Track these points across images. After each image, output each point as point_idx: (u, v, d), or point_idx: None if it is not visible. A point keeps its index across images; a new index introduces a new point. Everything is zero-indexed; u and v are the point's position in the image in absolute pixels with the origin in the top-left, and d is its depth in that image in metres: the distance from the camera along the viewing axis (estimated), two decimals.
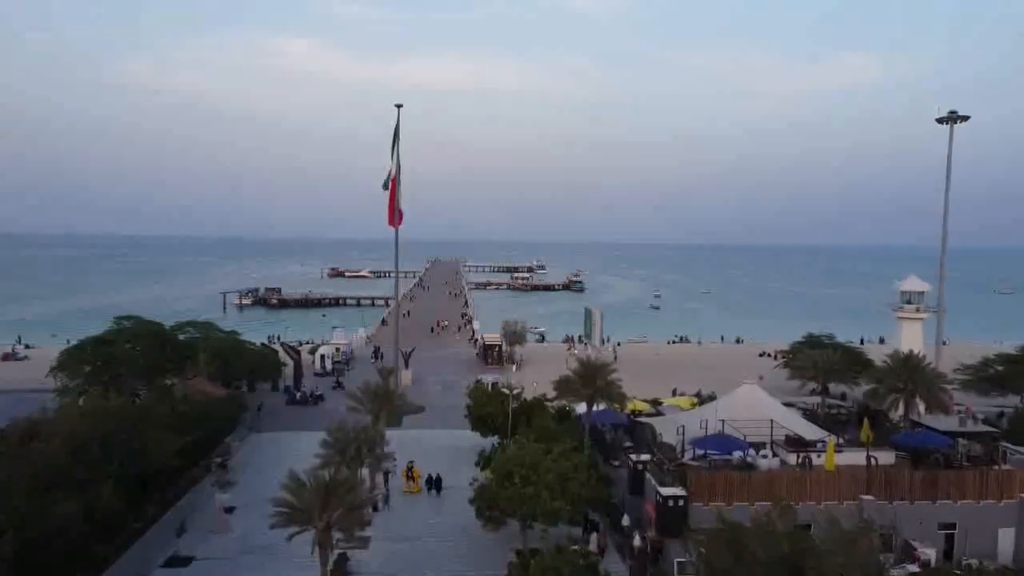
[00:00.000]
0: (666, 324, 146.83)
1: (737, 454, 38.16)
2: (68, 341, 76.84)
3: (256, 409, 59.45)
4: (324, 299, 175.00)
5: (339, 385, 70.54)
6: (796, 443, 40.74)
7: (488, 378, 68.14)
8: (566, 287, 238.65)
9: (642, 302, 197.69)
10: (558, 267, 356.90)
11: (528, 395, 57.89)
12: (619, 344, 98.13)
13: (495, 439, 50.86)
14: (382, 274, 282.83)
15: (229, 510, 39.05)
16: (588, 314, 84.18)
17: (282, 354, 74.82)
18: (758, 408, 45.37)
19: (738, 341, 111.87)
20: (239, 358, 58.20)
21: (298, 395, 66.39)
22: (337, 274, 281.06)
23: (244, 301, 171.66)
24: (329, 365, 79.58)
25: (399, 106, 63.95)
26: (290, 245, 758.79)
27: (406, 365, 74.44)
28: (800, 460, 37.34)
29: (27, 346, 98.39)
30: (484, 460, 43.06)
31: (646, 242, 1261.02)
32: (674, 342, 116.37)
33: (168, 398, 38.96)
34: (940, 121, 60.16)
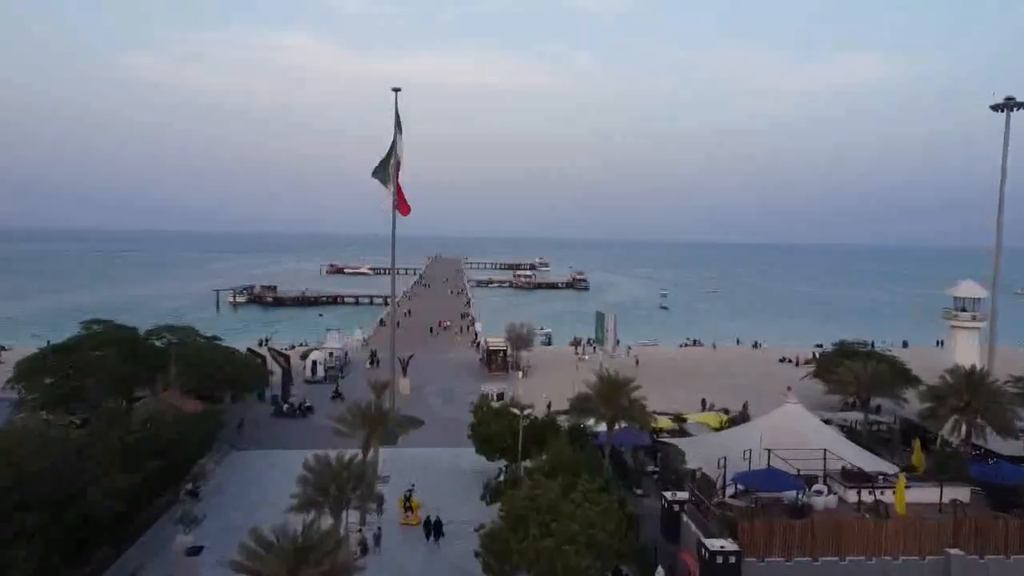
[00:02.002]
0: (676, 325, 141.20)
1: (788, 493, 32.51)
2: (48, 342, 71.49)
3: (237, 425, 53.82)
4: (321, 297, 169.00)
5: (338, 395, 64.69)
6: (855, 477, 35.05)
7: (493, 389, 62.61)
8: (570, 285, 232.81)
9: (648, 301, 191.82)
10: (560, 265, 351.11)
11: (538, 409, 52.38)
12: (629, 348, 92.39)
13: (502, 463, 45.29)
14: (382, 271, 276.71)
15: (195, 551, 33.45)
16: (600, 318, 78.24)
17: (270, 360, 69.24)
18: (804, 433, 39.67)
19: (756, 345, 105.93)
20: (218, 368, 52.31)
21: (285, 406, 60.62)
22: (336, 271, 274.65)
23: (238, 299, 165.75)
24: (321, 372, 73.79)
25: (396, 90, 58.18)
26: (288, 241, 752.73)
27: (404, 373, 68.74)
28: (870, 502, 31.60)
29: (2, 347, 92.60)
30: (491, 492, 37.43)
31: (645, 240, 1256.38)
32: (686, 345, 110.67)
33: (122, 421, 33.23)
34: (996, 108, 54.40)
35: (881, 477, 35.64)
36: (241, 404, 59.94)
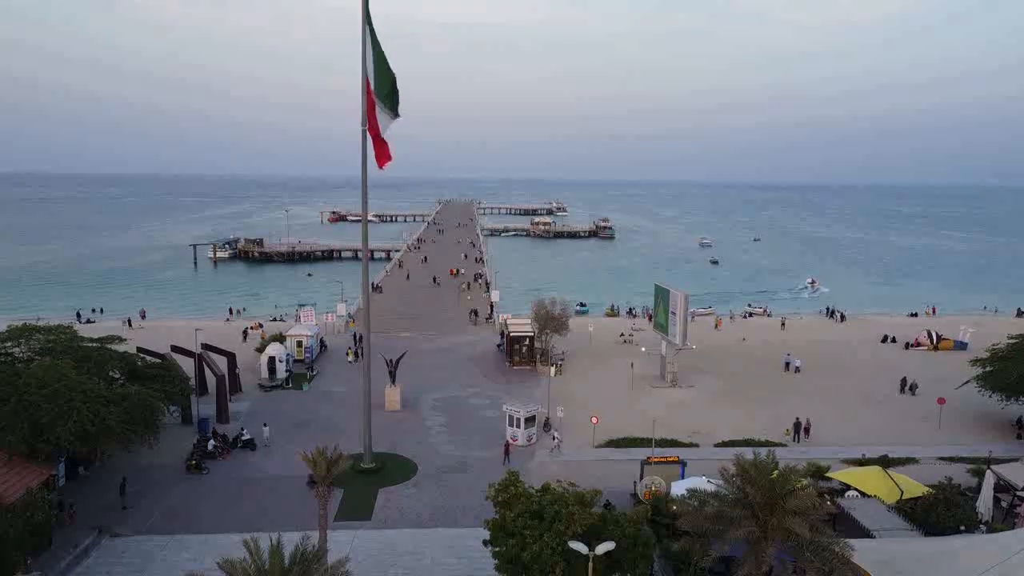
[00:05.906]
0: (729, 285, 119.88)
1: None
2: None
3: (119, 488, 34.16)
4: (314, 252, 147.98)
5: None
6: None
7: (520, 412, 42.16)
8: (593, 234, 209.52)
9: (690, 253, 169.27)
10: (576, 208, 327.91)
11: (576, 434, 32.49)
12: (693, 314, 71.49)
13: None
14: (388, 218, 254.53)
15: None
16: (661, 294, 56.90)
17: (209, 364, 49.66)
18: None
19: (841, 319, 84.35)
20: (70, 409, 31.51)
21: (210, 444, 40.23)
22: (339, 218, 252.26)
23: (220, 254, 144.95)
24: (283, 372, 53.67)
25: None
26: (283, 184, 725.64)
27: (393, 379, 48.72)
28: None
29: None
30: None
31: (660, 180, 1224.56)
32: (748, 316, 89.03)
33: None
34: None
35: None
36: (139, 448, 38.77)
